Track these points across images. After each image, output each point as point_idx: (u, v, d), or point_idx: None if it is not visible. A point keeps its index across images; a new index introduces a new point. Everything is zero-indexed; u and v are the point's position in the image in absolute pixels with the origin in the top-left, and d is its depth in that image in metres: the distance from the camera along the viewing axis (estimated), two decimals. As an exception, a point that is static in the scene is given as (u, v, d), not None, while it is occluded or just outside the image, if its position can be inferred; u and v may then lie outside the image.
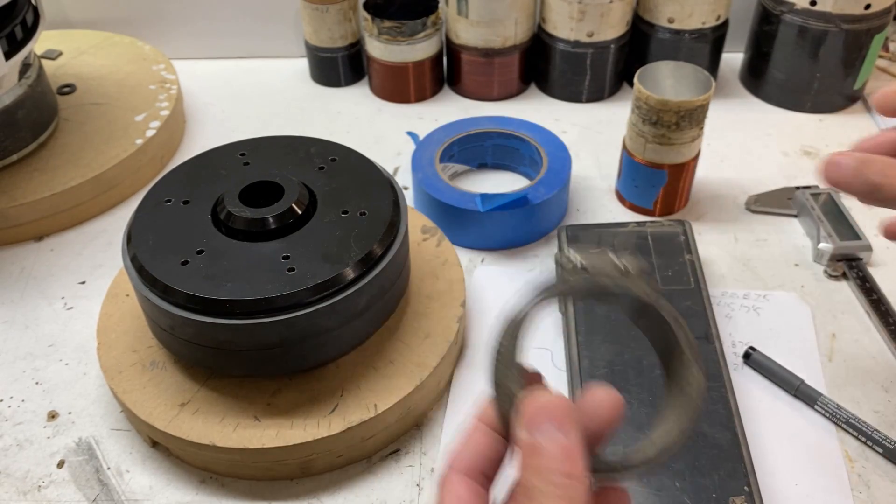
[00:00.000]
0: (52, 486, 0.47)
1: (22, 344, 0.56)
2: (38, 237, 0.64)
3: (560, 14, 0.73)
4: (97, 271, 0.61)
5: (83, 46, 0.80)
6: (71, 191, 0.63)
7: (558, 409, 0.27)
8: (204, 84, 0.82)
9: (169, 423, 0.45)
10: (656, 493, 0.43)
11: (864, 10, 0.69)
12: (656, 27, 0.74)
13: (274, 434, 0.44)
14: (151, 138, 0.68)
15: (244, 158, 0.51)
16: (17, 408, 0.51)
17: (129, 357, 0.49)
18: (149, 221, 0.47)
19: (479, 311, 0.56)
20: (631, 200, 0.65)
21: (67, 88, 0.73)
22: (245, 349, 0.44)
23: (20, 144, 0.65)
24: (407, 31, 0.74)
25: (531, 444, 0.26)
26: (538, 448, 0.26)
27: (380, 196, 0.48)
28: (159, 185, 0.50)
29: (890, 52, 0.82)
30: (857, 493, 0.45)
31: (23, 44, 0.61)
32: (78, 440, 0.49)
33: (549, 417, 0.26)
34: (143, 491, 0.47)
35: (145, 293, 0.44)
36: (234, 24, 0.84)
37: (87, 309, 0.58)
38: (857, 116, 0.75)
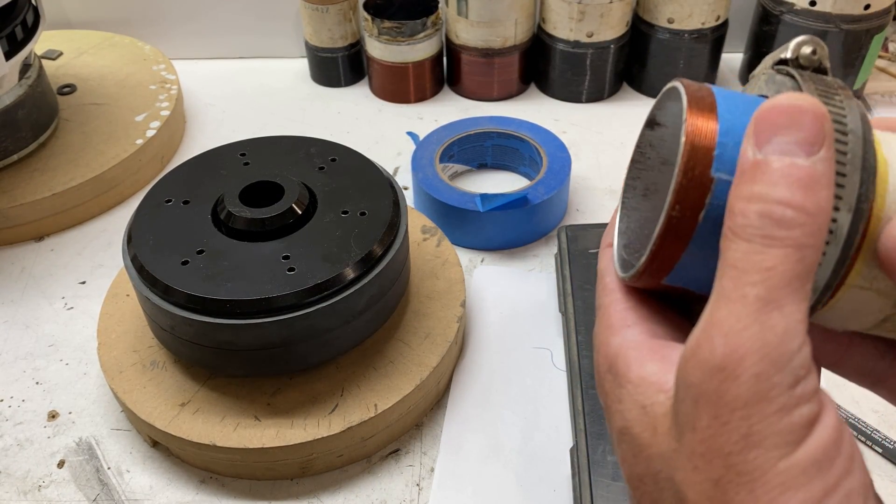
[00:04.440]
0: (52, 485, 0.47)
1: (22, 344, 0.56)
2: (39, 237, 0.64)
3: (560, 14, 0.73)
4: (97, 271, 0.61)
5: (83, 47, 0.80)
6: (71, 191, 0.63)
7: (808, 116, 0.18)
8: (204, 84, 0.82)
9: (169, 423, 0.45)
10: (656, 492, 0.43)
11: (863, 10, 0.69)
12: (656, 27, 0.74)
13: (274, 434, 0.44)
14: (152, 138, 0.68)
15: (244, 158, 0.51)
16: (17, 408, 0.51)
17: (129, 357, 0.49)
18: (149, 221, 0.47)
19: (479, 311, 0.56)
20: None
21: (68, 88, 0.73)
22: (245, 349, 0.44)
23: (20, 144, 0.65)
24: (407, 32, 0.74)
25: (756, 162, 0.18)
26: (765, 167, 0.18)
27: (380, 196, 0.48)
28: (159, 185, 0.50)
29: (889, 53, 0.82)
30: (857, 493, 0.45)
31: (23, 44, 0.61)
32: (78, 440, 0.49)
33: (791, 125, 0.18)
34: (144, 491, 0.47)
35: (145, 293, 0.44)
36: (234, 24, 0.84)
37: (88, 309, 0.58)
38: (856, 116, 0.75)
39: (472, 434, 0.49)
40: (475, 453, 0.48)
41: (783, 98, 0.18)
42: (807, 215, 0.18)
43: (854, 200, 0.19)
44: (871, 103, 0.76)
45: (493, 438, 0.49)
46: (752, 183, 0.18)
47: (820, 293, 0.20)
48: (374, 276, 0.45)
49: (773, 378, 0.17)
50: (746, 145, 0.18)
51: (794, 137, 0.18)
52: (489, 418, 0.50)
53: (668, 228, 0.20)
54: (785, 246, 0.17)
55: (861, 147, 0.19)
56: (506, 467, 0.47)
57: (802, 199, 0.17)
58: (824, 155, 0.18)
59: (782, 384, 0.17)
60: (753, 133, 0.18)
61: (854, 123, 0.20)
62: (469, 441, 0.49)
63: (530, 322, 0.55)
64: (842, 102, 0.20)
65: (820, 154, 0.18)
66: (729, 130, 0.20)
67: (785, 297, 0.17)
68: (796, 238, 0.17)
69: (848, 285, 0.20)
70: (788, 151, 0.18)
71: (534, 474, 0.47)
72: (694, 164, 0.19)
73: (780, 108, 0.18)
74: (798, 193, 0.18)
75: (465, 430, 0.49)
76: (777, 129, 0.18)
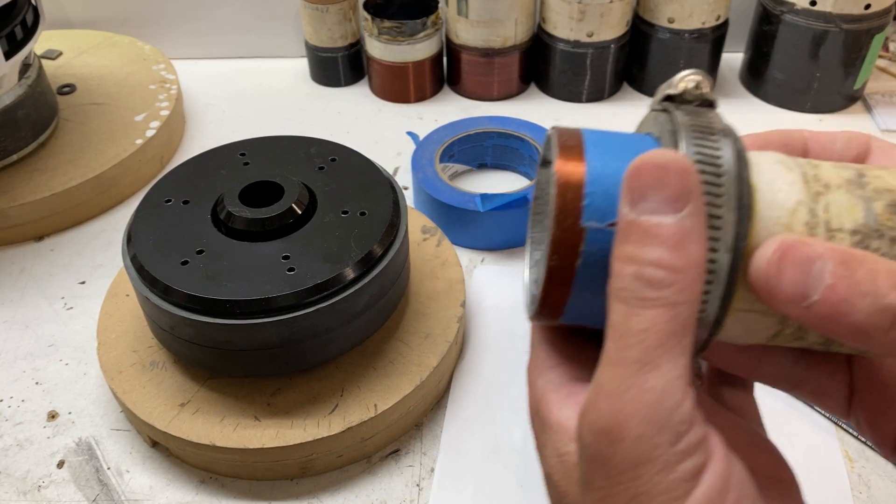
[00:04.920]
0: (51, 486, 0.47)
1: (22, 344, 0.56)
2: (38, 237, 0.64)
3: (560, 14, 0.73)
4: (97, 271, 0.61)
5: (83, 46, 0.80)
6: (71, 191, 0.63)
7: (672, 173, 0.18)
8: (204, 84, 0.82)
9: (169, 423, 0.45)
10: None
11: (863, 9, 0.69)
12: (656, 27, 0.74)
13: (274, 434, 0.44)
14: (151, 138, 0.68)
15: (244, 158, 0.51)
16: (17, 408, 0.51)
17: (129, 357, 0.49)
18: (149, 221, 0.47)
19: (479, 311, 0.56)
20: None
21: (67, 88, 0.73)
22: (245, 349, 0.44)
23: (20, 144, 0.65)
24: (407, 31, 0.74)
25: (629, 222, 0.19)
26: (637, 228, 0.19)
27: (380, 196, 0.48)
28: (159, 185, 0.50)
29: (890, 52, 0.82)
30: (857, 493, 0.45)
31: (23, 44, 0.61)
32: (78, 440, 0.49)
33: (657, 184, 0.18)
34: (143, 491, 0.47)
35: (145, 293, 0.44)
36: (234, 24, 0.84)
37: (87, 309, 0.58)
38: (857, 116, 0.75)
39: (472, 434, 0.49)
40: (475, 453, 0.48)
41: (649, 156, 0.19)
42: (677, 273, 0.18)
43: (731, 240, 0.20)
44: (872, 103, 0.76)
45: (493, 438, 0.49)
46: (626, 243, 0.19)
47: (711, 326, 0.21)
48: (374, 276, 0.45)
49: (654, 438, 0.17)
50: (622, 204, 0.19)
51: (661, 195, 0.18)
52: (489, 418, 0.50)
53: (549, 276, 0.21)
54: (657, 306, 0.18)
55: (735, 186, 0.20)
56: (506, 467, 0.47)
57: (671, 258, 0.18)
58: (691, 210, 0.19)
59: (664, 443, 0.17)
60: (627, 192, 0.19)
61: (728, 163, 0.20)
62: (469, 441, 0.48)
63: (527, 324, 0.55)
64: (717, 142, 0.21)
65: (686, 210, 0.18)
66: (597, 179, 0.20)
67: (660, 357, 0.18)
68: (668, 297, 0.18)
69: (733, 310, 0.21)
70: (657, 210, 0.18)
71: (534, 474, 0.47)
72: (564, 215, 0.20)
73: (647, 167, 0.19)
74: (667, 253, 0.18)
75: (465, 430, 0.49)
76: (646, 188, 0.19)
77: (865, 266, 0.18)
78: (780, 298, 0.19)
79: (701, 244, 0.19)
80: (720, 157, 0.20)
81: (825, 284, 0.18)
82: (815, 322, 0.18)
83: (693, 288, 0.19)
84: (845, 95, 0.75)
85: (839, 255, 0.18)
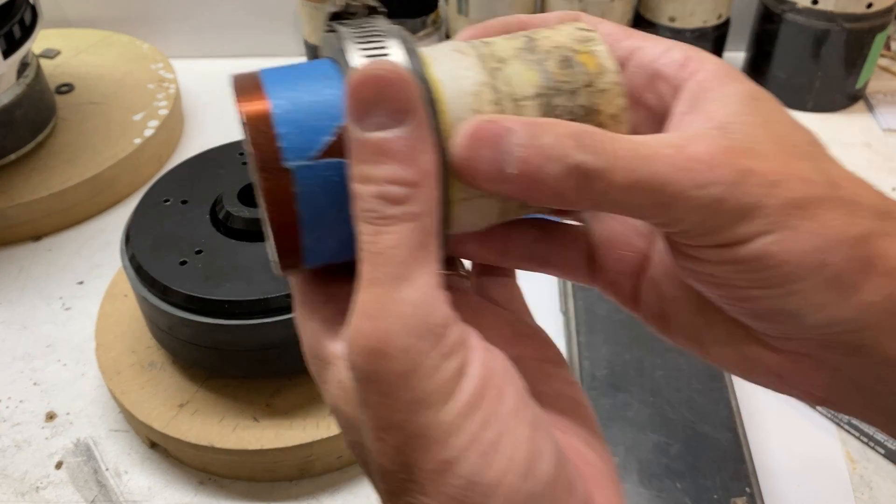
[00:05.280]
0: (50, 487, 0.47)
1: (20, 344, 0.55)
2: (36, 237, 0.64)
3: (560, 13, 0.73)
4: (95, 271, 0.61)
5: (81, 45, 0.79)
6: (69, 190, 0.63)
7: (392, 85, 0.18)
8: (203, 83, 0.82)
9: (167, 424, 0.45)
10: (657, 494, 0.43)
11: (865, 8, 0.68)
12: (657, 26, 0.74)
13: (273, 435, 0.44)
14: (150, 138, 0.68)
15: (243, 158, 0.51)
16: (15, 408, 0.51)
17: (127, 357, 0.49)
18: (147, 221, 0.47)
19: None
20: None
21: (66, 88, 0.73)
22: (244, 350, 0.44)
23: (18, 144, 0.64)
24: (407, 30, 0.73)
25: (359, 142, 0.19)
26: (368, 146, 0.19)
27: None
28: (158, 184, 0.50)
29: (892, 52, 0.81)
30: (859, 495, 0.45)
31: (21, 42, 0.61)
32: (76, 441, 0.49)
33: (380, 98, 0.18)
34: (142, 492, 0.46)
35: (144, 293, 0.44)
36: (232, 22, 0.84)
37: (86, 309, 0.57)
38: (858, 116, 0.75)
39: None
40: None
41: (367, 70, 0.19)
42: (414, 186, 0.19)
43: None
44: (874, 103, 0.76)
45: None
46: (360, 163, 0.19)
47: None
48: (374, 276, 0.44)
49: (417, 345, 0.18)
50: (349, 123, 0.19)
51: (385, 109, 0.19)
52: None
53: (274, 228, 0.20)
54: (402, 221, 0.19)
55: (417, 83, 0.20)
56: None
57: (407, 172, 0.19)
58: (417, 119, 0.19)
59: (427, 349, 0.18)
60: (352, 109, 0.19)
61: (402, 63, 0.20)
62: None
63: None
64: (384, 46, 0.20)
65: (413, 119, 0.19)
66: (286, 116, 0.20)
67: (412, 269, 0.18)
68: (410, 210, 0.19)
69: (455, 201, 0.21)
70: (384, 125, 0.19)
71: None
72: (264, 163, 0.20)
73: (367, 81, 0.18)
74: (401, 168, 0.18)
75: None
76: (369, 103, 0.19)
77: (550, 131, 0.19)
78: (481, 178, 0.20)
79: (430, 152, 0.19)
80: (390, 58, 0.20)
81: (516, 157, 0.19)
82: (516, 192, 0.19)
83: (431, 196, 0.19)
84: (847, 95, 0.75)
85: (525, 126, 0.19)
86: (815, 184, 0.20)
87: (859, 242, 0.20)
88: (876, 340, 0.20)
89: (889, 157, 0.70)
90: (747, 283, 0.20)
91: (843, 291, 0.20)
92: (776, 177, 0.19)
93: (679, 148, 0.19)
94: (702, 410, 0.47)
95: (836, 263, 0.19)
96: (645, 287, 0.25)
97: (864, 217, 0.20)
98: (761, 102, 0.21)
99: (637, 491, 0.43)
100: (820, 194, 0.20)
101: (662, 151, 0.19)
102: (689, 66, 0.22)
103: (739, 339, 0.23)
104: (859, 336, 0.20)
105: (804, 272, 0.19)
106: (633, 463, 0.44)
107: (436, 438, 0.18)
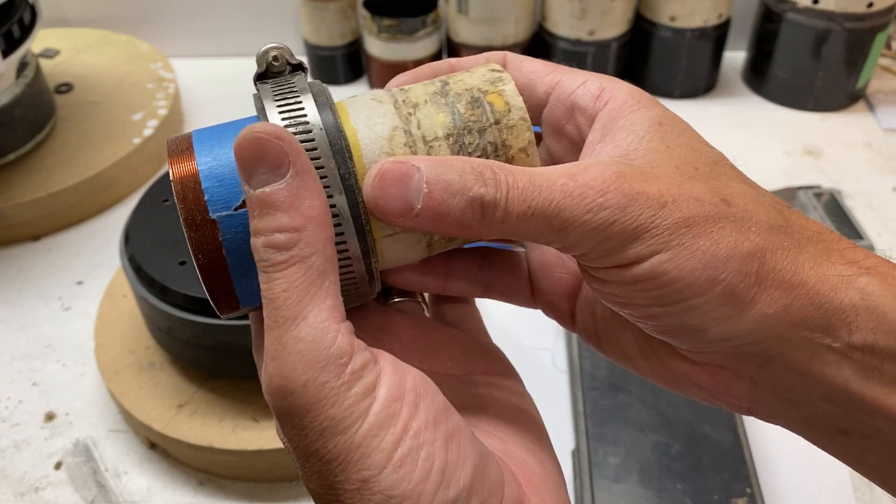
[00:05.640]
0: (49, 487, 0.47)
1: (19, 344, 0.55)
2: (36, 237, 0.64)
3: (561, 12, 0.73)
4: (95, 271, 0.61)
5: (81, 45, 0.79)
6: (68, 190, 0.63)
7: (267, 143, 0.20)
8: (202, 82, 0.82)
9: (167, 425, 0.45)
10: (657, 494, 0.43)
11: (866, 8, 0.68)
12: (658, 25, 0.74)
13: (273, 435, 0.44)
14: (149, 137, 0.68)
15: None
16: (14, 409, 0.51)
17: (126, 358, 0.49)
18: (146, 221, 0.47)
19: (479, 311, 0.56)
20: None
21: (65, 87, 0.73)
22: (243, 350, 0.44)
23: (17, 143, 0.64)
24: (406, 29, 0.73)
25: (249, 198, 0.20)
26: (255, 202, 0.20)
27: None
28: (157, 184, 0.49)
29: (892, 51, 0.81)
30: (860, 495, 0.45)
31: (20, 42, 0.61)
32: (75, 441, 0.49)
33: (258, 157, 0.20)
34: (141, 493, 0.46)
35: (143, 294, 0.44)
36: (232, 22, 0.84)
37: (85, 309, 0.57)
38: (859, 115, 0.75)
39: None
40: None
41: (244, 133, 0.20)
42: (297, 231, 0.20)
43: (339, 182, 0.21)
44: (875, 102, 0.76)
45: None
46: (252, 218, 0.20)
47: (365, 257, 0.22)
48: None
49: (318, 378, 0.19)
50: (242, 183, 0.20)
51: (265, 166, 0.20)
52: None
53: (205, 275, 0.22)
54: (290, 265, 0.20)
55: (325, 135, 0.22)
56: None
57: (289, 219, 0.20)
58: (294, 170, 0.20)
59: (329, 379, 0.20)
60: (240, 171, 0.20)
61: (314, 117, 0.22)
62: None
63: (530, 323, 0.55)
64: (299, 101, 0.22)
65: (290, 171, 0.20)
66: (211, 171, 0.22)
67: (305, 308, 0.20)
68: (297, 254, 0.20)
69: (379, 238, 0.23)
70: (266, 181, 0.20)
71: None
72: (192, 215, 0.21)
73: (245, 143, 0.20)
74: (285, 216, 0.20)
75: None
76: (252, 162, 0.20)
77: (453, 167, 0.21)
78: (392, 214, 0.21)
79: (314, 197, 0.20)
80: (305, 113, 0.22)
81: (423, 193, 0.20)
82: (427, 226, 0.21)
83: (318, 237, 0.20)
84: (848, 94, 0.75)
85: (430, 164, 0.21)
86: (707, 203, 0.21)
87: (750, 257, 0.20)
88: (779, 351, 0.21)
89: (889, 156, 0.70)
90: (648, 301, 0.21)
91: (739, 305, 0.20)
92: (666, 198, 0.20)
93: (572, 176, 0.21)
94: (702, 411, 0.47)
95: (728, 278, 0.20)
96: (579, 307, 0.26)
97: (755, 233, 0.21)
98: (666, 127, 0.23)
99: (637, 491, 0.43)
100: (711, 213, 0.21)
101: (557, 181, 0.21)
102: (602, 96, 0.23)
103: (662, 354, 0.24)
104: (763, 347, 0.21)
105: (698, 288, 0.20)
106: (633, 463, 0.44)
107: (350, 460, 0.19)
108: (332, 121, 0.22)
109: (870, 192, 0.66)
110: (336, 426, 0.19)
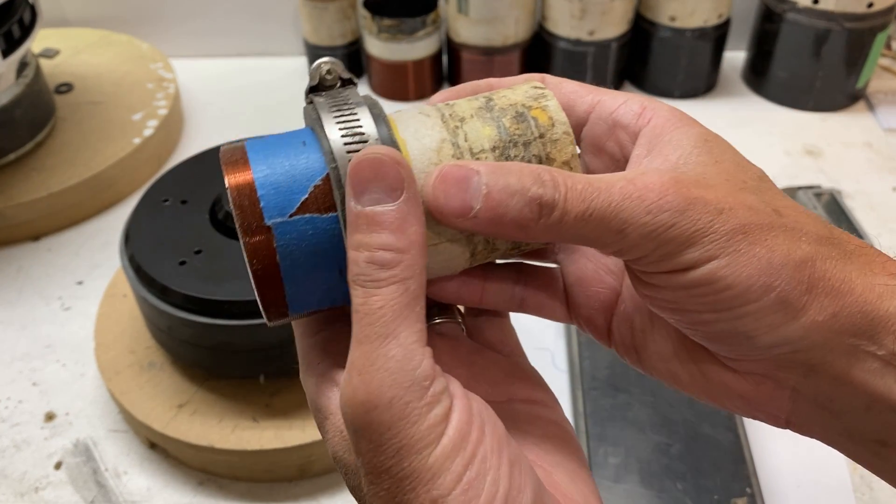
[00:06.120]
0: (49, 487, 0.47)
1: (19, 344, 0.55)
2: (36, 237, 0.64)
3: (561, 12, 0.73)
4: (95, 271, 0.61)
5: (81, 45, 0.79)
6: (68, 190, 0.63)
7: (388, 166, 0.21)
8: (202, 83, 0.82)
9: (167, 425, 0.45)
10: (658, 494, 0.43)
11: (866, 8, 0.68)
12: (658, 25, 0.74)
13: (272, 435, 0.44)
14: (149, 137, 0.68)
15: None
16: (14, 409, 0.51)
17: (126, 358, 0.49)
18: (146, 221, 0.47)
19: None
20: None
21: (65, 87, 0.73)
22: (243, 350, 0.44)
23: (17, 144, 0.64)
24: (406, 29, 0.73)
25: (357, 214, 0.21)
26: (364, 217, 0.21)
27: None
28: (157, 184, 0.49)
29: (893, 51, 0.81)
30: (860, 496, 0.45)
31: (20, 42, 0.61)
32: (75, 441, 0.49)
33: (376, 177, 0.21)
34: (141, 493, 0.46)
35: (143, 294, 0.44)
36: (232, 22, 0.84)
37: (85, 309, 0.57)
38: (859, 115, 0.75)
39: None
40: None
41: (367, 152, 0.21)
42: (402, 252, 0.21)
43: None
44: (875, 102, 0.76)
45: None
46: (356, 233, 0.21)
47: None
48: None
49: (404, 398, 0.20)
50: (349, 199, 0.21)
51: (381, 186, 0.21)
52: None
53: (259, 281, 0.23)
54: (390, 284, 0.21)
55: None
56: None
57: (396, 240, 0.21)
58: (406, 195, 0.21)
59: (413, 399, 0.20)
60: (351, 187, 0.21)
61: (370, 129, 0.23)
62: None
63: (531, 323, 0.55)
64: (354, 112, 0.23)
65: (403, 196, 0.21)
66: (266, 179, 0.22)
67: (398, 328, 0.21)
68: (398, 275, 0.21)
69: (427, 247, 0.23)
70: (379, 200, 0.21)
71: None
72: (248, 221, 0.22)
73: (365, 163, 0.21)
74: (392, 237, 0.21)
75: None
76: (367, 181, 0.21)
77: (511, 171, 0.21)
78: (451, 214, 0.22)
79: (419, 224, 0.21)
80: (361, 125, 0.23)
81: (482, 194, 0.21)
82: (484, 227, 0.21)
83: (418, 262, 0.21)
84: (848, 94, 0.75)
85: (489, 167, 0.22)
86: (761, 212, 0.21)
87: (803, 265, 0.21)
88: (824, 359, 0.21)
89: (889, 156, 0.70)
90: (701, 307, 0.21)
91: (791, 312, 0.21)
92: (723, 205, 0.21)
93: (630, 180, 0.21)
94: (702, 410, 0.47)
95: (782, 285, 0.21)
96: (616, 321, 0.27)
97: (806, 242, 0.21)
98: (712, 144, 0.23)
99: (637, 491, 0.43)
100: (765, 221, 0.21)
101: (616, 184, 0.21)
102: (645, 114, 0.24)
103: (703, 365, 0.24)
104: (809, 355, 0.21)
105: (752, 295, 0.21)
106: (633, 463, 0.44)
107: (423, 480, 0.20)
108: (388, 133, 0.23)
109: (870, 192, 0.66)
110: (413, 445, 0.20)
